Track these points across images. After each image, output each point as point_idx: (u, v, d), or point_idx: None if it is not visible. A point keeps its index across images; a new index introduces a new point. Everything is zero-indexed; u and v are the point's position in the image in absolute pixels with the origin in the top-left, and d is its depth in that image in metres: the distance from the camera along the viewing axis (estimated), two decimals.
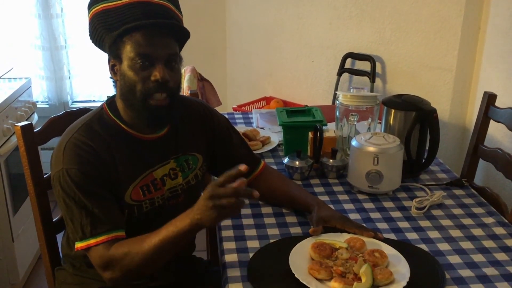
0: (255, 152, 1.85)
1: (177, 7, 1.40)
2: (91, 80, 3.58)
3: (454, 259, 1.36)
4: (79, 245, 1.29)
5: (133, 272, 1.27)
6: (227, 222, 1.52)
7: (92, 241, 1.27)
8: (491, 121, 1.91)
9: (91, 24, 1.35)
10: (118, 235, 1.29)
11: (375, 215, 1.58)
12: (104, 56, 1.37)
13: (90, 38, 1.37)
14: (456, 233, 1.48)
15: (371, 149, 1.64)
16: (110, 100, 1.40)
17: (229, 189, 1.17)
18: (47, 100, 3.56)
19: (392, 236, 1.46)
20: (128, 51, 1.28)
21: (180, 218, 1.23)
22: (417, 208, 1.60)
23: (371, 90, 2.79)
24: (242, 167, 1.18)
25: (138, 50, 1.27)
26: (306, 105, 2.17)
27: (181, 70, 1.39)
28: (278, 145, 2.04)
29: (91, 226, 1.27)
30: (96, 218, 1.27)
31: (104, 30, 1.32)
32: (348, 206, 1.63)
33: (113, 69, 1.34)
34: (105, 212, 1.28)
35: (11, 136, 2.47)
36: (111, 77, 1.38)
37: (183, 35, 1.36)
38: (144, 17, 1.29)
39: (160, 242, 1.23)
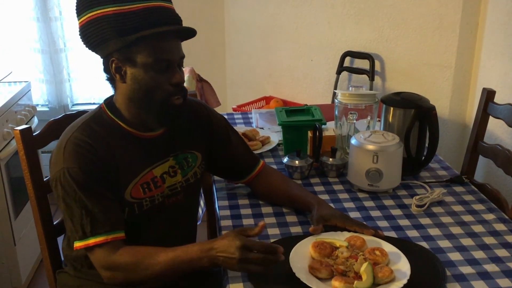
0: (255, 152, 1.85)
1: None
2: (91, 82, 3.58)
3: (455, 256, 1.36)
4: (78, 244, 1.30)
5: (135, 281, 1.29)
6: (227, 223, 1.53)
7: (91, 241, 1.28)
8: (491, 117, 1.91)
9: (90, 26, 1.31)
10: (117, 237, 1.30)
11: (375, 213, 1.58)
12: None
13: (86, 40, 1.34)
14: (456, 230, 1.48)
15: (371, 147, 1.64)
16: (108, 100, 1.42)
17: (260, 256, 1.20)
18: (47, 103, 3.56)
19: (392, 234, 1.46)
20: (145, 56, 1.30)
21: (196, 251, 1.24)
22: (417, 206, 1.59)
23: (370, 88, 2.79)
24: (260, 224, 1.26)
25: (157, 55, 1.30)
26: (306, 104, 2.17)
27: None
28: (278, 144, 2.04)
29: (91, 225, 1.28)
30: (96, 218, 1.28)
31: (114, 34, 1.29)
32: (348, 204, 1.63)
33: (118, 71, 1.33)
34: (105, 212, 1.29)
35: (11, 140, 2.48)
36: (107, 79, 1.39)
37: (187, 37, 1.39)
38: (162, 23, 1.31)
39: (171, 264, 1.25)
